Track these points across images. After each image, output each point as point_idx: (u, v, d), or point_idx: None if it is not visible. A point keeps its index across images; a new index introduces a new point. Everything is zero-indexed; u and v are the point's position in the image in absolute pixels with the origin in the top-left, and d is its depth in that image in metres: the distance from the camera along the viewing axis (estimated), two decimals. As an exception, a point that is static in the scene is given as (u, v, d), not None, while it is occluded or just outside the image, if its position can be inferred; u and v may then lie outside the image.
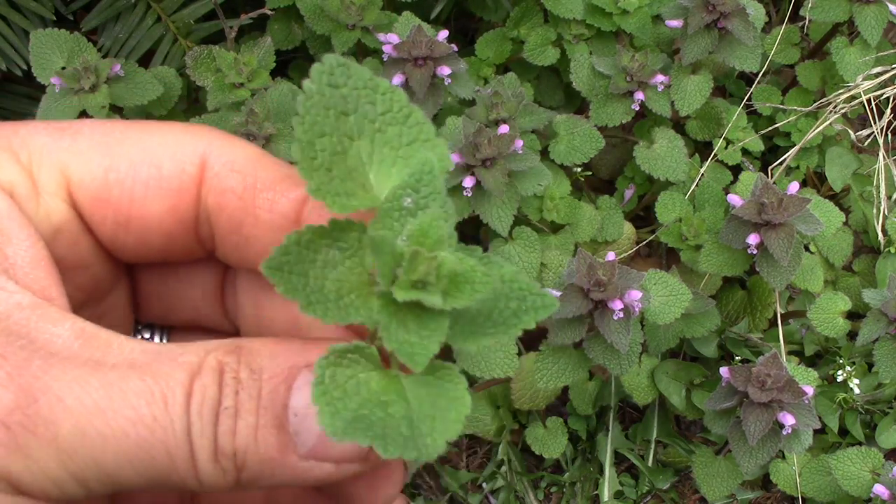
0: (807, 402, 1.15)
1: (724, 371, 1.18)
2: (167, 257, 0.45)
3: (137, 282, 0.49)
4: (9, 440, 0.35)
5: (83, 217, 0.42)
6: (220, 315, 0.49)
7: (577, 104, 1.52)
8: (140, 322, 0.51)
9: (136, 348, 0.38)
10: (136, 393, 0.36)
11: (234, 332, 0.50)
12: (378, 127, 0.40)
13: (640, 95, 1.35)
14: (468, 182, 1.20)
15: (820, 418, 1.22)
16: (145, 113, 1.38)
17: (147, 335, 0.51)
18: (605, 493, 1.47)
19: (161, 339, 0.51)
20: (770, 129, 1.54)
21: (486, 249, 1.35)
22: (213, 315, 0.49)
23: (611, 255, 1.19)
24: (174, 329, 0.52)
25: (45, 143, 0.42)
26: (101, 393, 0.36)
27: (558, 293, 1.15)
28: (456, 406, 0.37)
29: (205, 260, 0.47)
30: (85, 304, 0.45)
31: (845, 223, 1.38)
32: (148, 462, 0.36)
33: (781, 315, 1.42)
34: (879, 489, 1.17)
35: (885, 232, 1.45)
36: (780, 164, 1.49)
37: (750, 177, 1.33)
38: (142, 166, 0.42)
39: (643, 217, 1.57)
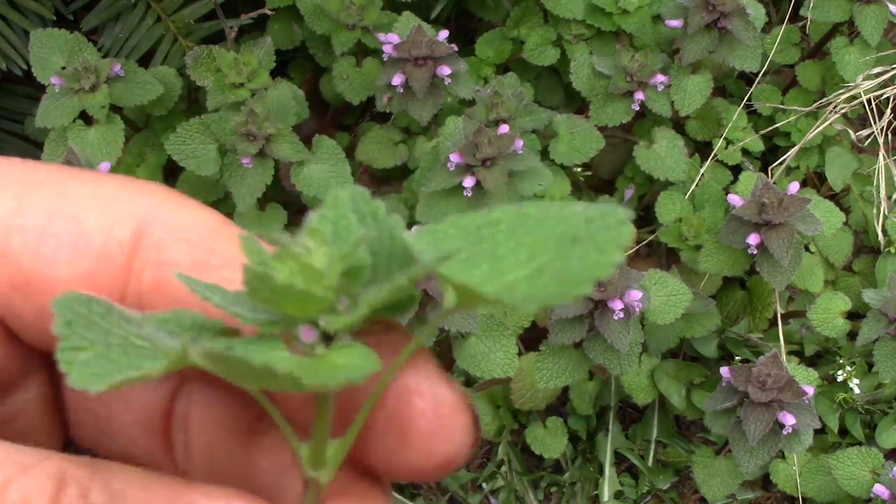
0: (807, 402, 1.15)
1: (724, 371, 1.18)
2: None
3: (63, 390, 0.36)
4: None
5: None
6: (161, 451, 0.35)
7: (577, 104, 1.52)
8: (78, 445, 0.37)
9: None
10: None
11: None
12: None
13: (640, 95, 1.35)
14: (468, 182, 1.20)
15: (820, 418, 1.22)
16: (145, 113, 1.38)
17: None
18: (605, 493, 1.47)
19: None
20: (770, 129, 1.54)
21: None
22: (150, 448, 0.35)
23: (611, 255, 1.19)
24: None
25: None
26: None
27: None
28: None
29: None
30: None
31: (845, 223, 1.38)
32: None
33: (781, 315, 1.42)
34: (879, 489, 1.17)
35: (885, 232, 1.45)
36: (780, 164, 1.48)
37: (750, 177, 1.33)
38: (56, 217, 0.32)
39: (643, 217, 1.57)
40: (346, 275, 0.27)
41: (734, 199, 1.25)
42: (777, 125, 1.54)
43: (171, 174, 1.40)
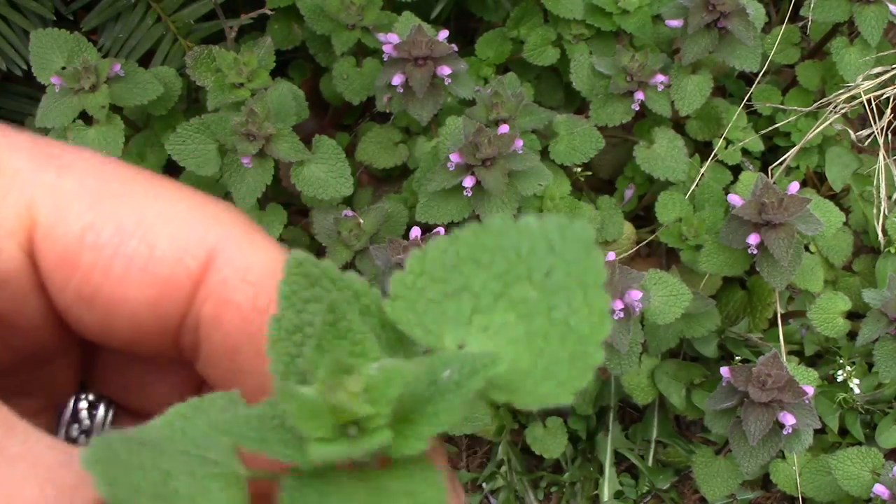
0: (807, 402, 1.16)
1: (724, 371, 1.18)
2: (132, 351, 0.36)
3: (96, 355, 0.39)
4: None
5: (41, 274, 0.33)
6: None
7: (577, 104, 1.52)
8: (89, 390, 0.40)
9: (43, 441, 0.29)
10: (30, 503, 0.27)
11: None
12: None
13: (640, 95, 1.35)
14: (468, 182, 1.20)
15: (820, 418, 1.22)
16: (145, 113, 1.38)
17: (88, 400, 0.40)
18: (605, 493, 1.47)
19: (107, 413, 0.40)
20: (770, 129, 1.54)
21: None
22: None
23: (611, 255, 1.19)
24: (128, 410, 0.40)
25: (22, 169, 0.32)
26: None
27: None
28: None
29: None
30: (16, 368, 0.36)
31: (845, 223, 1.38)
32: None
33: (781, 315, 1.42)
34: (879, 489, 1.17)
35: (885, 232, 1.45)
36: (780, 164, 1.48)
37: (750, 177, 1.33)
38: (131, 238, 0.32)
39: (643, 217, 1.57)
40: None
41: (734, 199, 1.25)
42: (777, 125, 1.54)
43: (171, 174, 1.39)
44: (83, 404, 0.39)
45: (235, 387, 0.33)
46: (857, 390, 1.43)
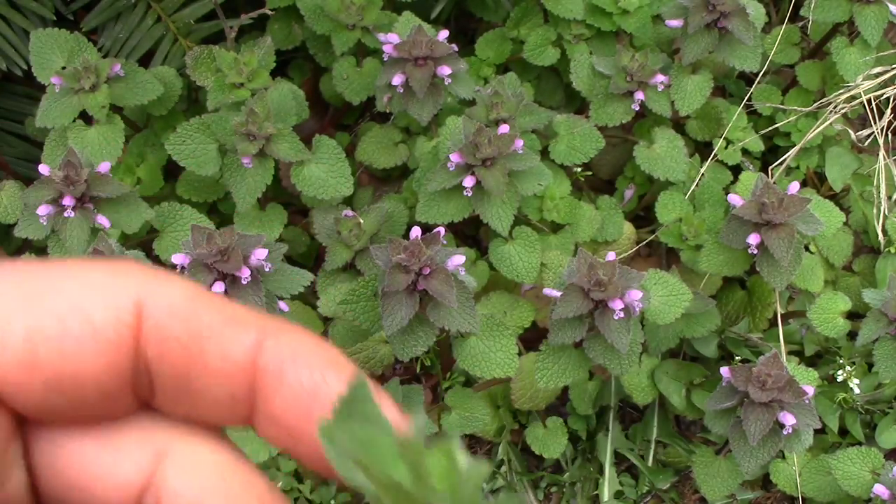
0: (807, 402, 1.16)
1: (724, 371, 1.18)
2: (101, 416, 0.38)
3: (37, 481, 0.38)
4: None
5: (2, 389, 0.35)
6: None
7: (577, 104, 1.52)
8: None
9: None
10: None
11: None
12: None
13: (640, 95, 1.35)
14: (468, 182, 1.20)
15: (820, 418, 1.22)
16: (145, 113, 1.38)
17: None
18: (605, 493, 1.47)
19: None
20: (770, 129, 1.54)
21: (485, 249, 1.35)
22: None
23: (611, 255, 1.19)
24: None
25: None
26: None
27: (559, 293, 1.15)
28: None
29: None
30: None
31: (845, 223, 1.39)
32: None
33: (781, 315, 1.42)
34: (879, 489, 1.17)
35: (885, 232, 1.45)
36: (780, 164, 1.49)
37: (750, 177, 1.33)
38: (71, 319, 0.35)
39: (643, 217, 1.57)
40: None
41: (734, 199, 1.25)
42: (777, 125, 1.54)
43: (171, 174, 1.40)
44: None
45: (193, 407, 0.37)
46: (857, 390, 1.43)
